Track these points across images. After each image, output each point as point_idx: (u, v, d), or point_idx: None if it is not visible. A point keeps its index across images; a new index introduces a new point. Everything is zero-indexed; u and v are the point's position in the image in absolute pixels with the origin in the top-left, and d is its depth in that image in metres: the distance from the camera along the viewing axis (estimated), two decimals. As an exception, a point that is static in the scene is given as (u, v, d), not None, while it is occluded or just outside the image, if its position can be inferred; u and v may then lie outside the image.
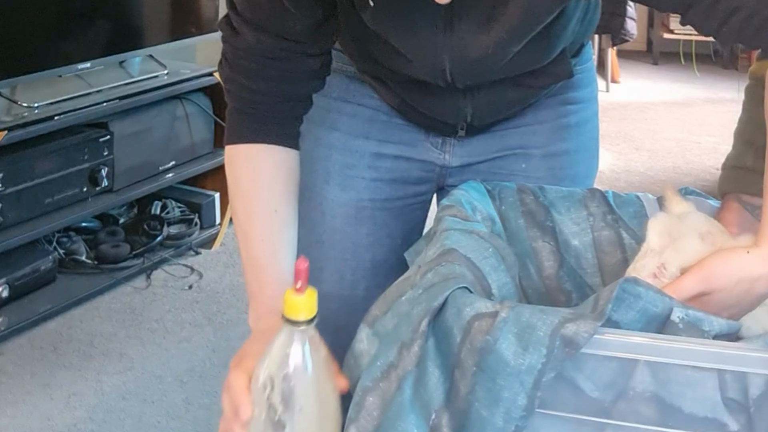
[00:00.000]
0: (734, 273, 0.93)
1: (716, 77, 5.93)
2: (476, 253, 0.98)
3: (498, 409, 0.80)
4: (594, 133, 1.36)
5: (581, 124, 1.33)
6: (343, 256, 1.33)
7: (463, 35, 1.10)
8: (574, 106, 1.32)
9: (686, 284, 0.94)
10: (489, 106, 1.24)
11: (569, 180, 1.30)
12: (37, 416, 2.37)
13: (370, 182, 1.31)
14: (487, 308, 0.82)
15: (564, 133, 1.31)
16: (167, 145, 3.14)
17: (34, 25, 2.76)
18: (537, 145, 1.30)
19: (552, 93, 1.29)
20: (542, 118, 1.30)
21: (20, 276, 2.74)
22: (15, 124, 2.61)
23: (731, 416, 0.79)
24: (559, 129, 1.31)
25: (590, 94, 1.34)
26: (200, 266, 3.22)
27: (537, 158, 1.30)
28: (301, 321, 0.84)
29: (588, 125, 1.34)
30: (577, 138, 1.32)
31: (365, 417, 0.86)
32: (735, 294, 0.93)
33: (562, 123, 1.31)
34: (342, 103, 1.31)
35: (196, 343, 2.74)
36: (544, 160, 1.30)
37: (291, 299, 0.84)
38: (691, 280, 0.94)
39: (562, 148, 1.31)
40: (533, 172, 1.29)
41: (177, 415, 2.40)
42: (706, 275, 0.94)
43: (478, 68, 1.15)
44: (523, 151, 1.30)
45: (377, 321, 0.96)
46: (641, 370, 0.80)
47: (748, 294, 0.93)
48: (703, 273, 0.94)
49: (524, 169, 1.30)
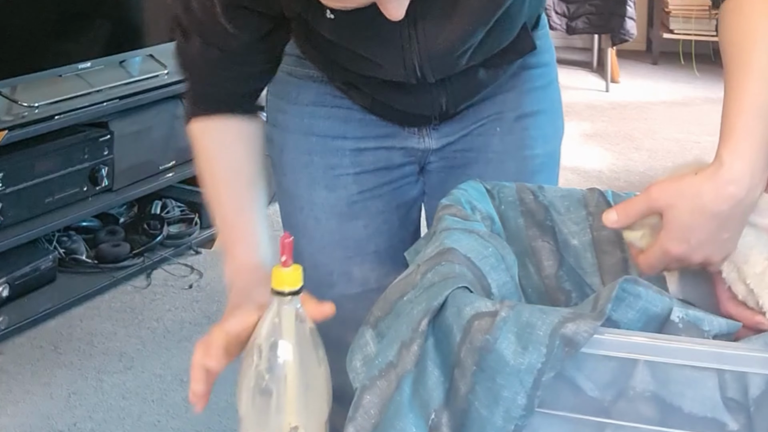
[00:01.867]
0: (677, 188, 0.92)
1: (716, 77, 5.92)
2: (476, 253, 0.98)
3: (498, 408, 0.80)
4: (557, 95, 1.42)
5: (545, 86, 1.38)
6: (347, 254, 1.34)
7: (427, 31, 1.12)
8: (537, 70, 1.36)
9: (635, 200, 0.94)
10: (461, 93, 1.28)
11: (541, 139, 1.36)
12: (37, 415, 2.37)
13: (354, 176, 1.34)
14: (487, 308, 0.83)
15: (532, 95, 1.36)
16: (167, 145, 3.15)
17: (34, 25, 2.76)
18: (509, 109, 1.34)
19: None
20: (510, 85, 1.34)
21: (20, 275, 2.74)
22: (15, 123, 2.61)
23: (731, 416, 0.79)
24: (527, 92, 1.35)
25: (550, 58, 1.40)
26: (200, 266, 3.22)
27: (510, 121, 1.34)
28: (286, 292, 0.89)
29: (551, 87, 1.40)
30: (543, 100, 1.38)
31: (363, 416, 0.87)
32: (686, 214, 0.91)
33: (529, 87, 1.36)
34: (315, 108, 1.33)
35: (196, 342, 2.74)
36: (517, 122, 1.34)
37: (277, 272, 0.89)
38: (639, 196, 0.94)
39: (532, 110, 1.36)
40: (507, 134, 1.34)
41: (177, 414, 2.40)
42: (650, 191, 0.93)
43: (447, 60, 1.17)
44: (497, 116, 1.34)
45: (380, 322, 0.96)
46: (641, 369, 0.80)
47: (702, 214, 0.91)
48: (648, 190, 0.94)
49: (499, 132, 1.34)
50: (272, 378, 0.89)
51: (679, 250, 0.93)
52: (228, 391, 2.77)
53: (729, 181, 0.91)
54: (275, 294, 0.89)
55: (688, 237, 0.93)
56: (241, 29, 1.12)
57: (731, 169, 0.91)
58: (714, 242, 0.93)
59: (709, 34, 6.11)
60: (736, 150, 0.92)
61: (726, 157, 0.92)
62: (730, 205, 0.91)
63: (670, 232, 0.93)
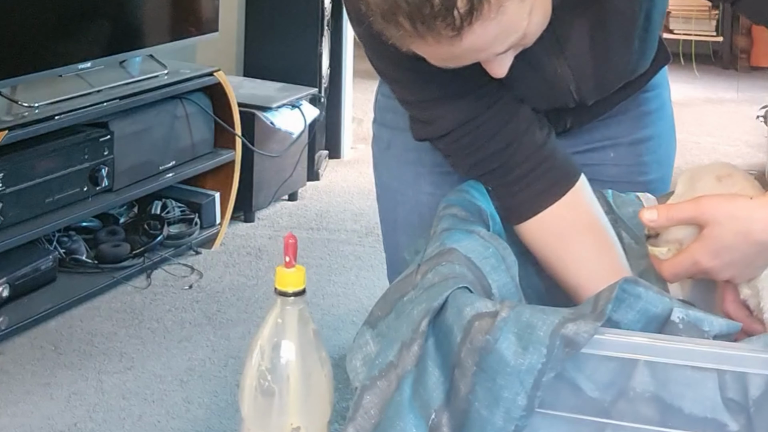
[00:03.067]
0: (729, 208, 0.92)
1: (716, 77, 5.93)
2: (476, 253, 0.98)
3: (498, 408, 0.80)
4: (671, 116, 1.39)
5: (659, 108, 1.35)
6: None
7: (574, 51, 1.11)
8: (651, 92, 1.33)
9: (682, 206, 0.94)
10: (590, 113, 1.25)
11: (655, 164, 1.33)
12: (37, 415, 2.37)
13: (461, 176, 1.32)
14: (488, 308, 0.83)
15: (645, 119, 1.33)
16: (167, 145, 3.14)
17: (34, 25, 2.76)
18: (623, 134, 1.31)
19: None
20: (623, 108, 1.30)
21: (21, 275, 2.74)
22: (15, 123, 2.61)
23: (731, 416, 0.79)
24: (641, 116, 1.33)
25: (662, 80, 1.36)
26: (200, 266, 3.22)
27: (624, 146, 1.31)
28: (290, 293, 0.89)
29: (665, 108, 1.37)
30: (658, 123, 1.35)
31: (363, 416, 0.87)
32: (731, 234, 0.91)
33: (643, 110, 1.33)
34: None
35: (196, 342, 2.74)
36: (630, 148, 1.32)
37: (281, 272, 0.89)
38: (686, 204, 0.94)
39: (645, 135, 1.33)
40: (622, 160, 1.31)
41: (177, 415, 2.40)
42: (701, 202, 0.93)
43: (604, 80, 1.15)
44: (611, 142, 1.31)
45: (380, 322, 0.96)
46: (641, 370, 0.80)
47: (746, 238, 0.91)
48: (699, 201, 0.93)
49: (613, 158, 1.31)
50: (275, 378, 0.89)
51: (710, 265, 0.93)
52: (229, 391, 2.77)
53: None
54: (278, 294, 0.90)
55: (724, 255, 0.93)
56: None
57: None
58: (746, 266, 0.93)
59: (709, 34, 6.11)
60: None
61: None
62: None
63: (707, 246, 0.93)
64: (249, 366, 0.90)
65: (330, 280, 3.16)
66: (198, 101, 3.23)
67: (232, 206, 3.43)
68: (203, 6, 3.39)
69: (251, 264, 3.26)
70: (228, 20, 3.82)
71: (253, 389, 0.90)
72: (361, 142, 4.63)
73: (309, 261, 3.27)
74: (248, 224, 3.58)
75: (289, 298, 0.89)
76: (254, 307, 2.96)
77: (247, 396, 0.90)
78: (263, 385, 0.89)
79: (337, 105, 4.23)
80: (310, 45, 3.95)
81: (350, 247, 3.44)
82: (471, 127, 1.11)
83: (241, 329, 2.82)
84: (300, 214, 3.72)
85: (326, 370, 0.91)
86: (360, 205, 3.82)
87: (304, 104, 3.71)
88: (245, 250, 3.36)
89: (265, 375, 0.89)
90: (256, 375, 0.89)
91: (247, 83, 3.77)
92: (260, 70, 3.96)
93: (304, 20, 3.96)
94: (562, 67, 1.12)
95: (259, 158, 3.50)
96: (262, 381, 0.89)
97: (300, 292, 0.90)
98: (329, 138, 4.18)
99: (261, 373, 0.89)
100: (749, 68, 6.11)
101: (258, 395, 0.89)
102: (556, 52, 1.11)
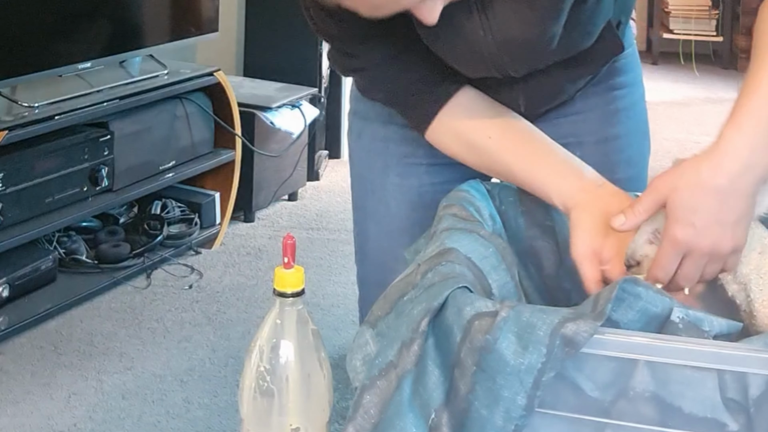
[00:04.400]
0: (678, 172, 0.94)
1: (716, 77, 5.93)
2: (476, 253, 0.99)
3: (498, 408, 0.80)
4: (643, 116, 1.38)
5: (629, 107, 1.35)
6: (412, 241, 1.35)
7: (498, 19, 1.11)
8: (621, 90, 1.33)
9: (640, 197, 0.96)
10: (541, 95, 1.26)
11: (624, 163, 1.33)
12: (37, 415, 2.37)
13: (428, 167, 1.35)
14: (488, 308, 0.83)
15: (613, 118, 1.33)
16: (167, 145, 3.15)
17: (34, 25, 2.76)
18: (588, 132, 1.32)
19: (598, 80, 1.31)
20: (591, 105, 1.32)
21: (20, 275, 2.74)
22: (15, 123, 2.61)
23: (731, 416, 0.79)
24: (608, 114, 1.33)
25: (635, 78, 1.36)
26: (200, 266, 3.22)
27: (590, 145, 1.31)
28: (289, 294, 0.89)
29: (636, 108, 1.36)
30: (626, 122, 1.34)
31: (363, 415, 0.87)
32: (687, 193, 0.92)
33: (611, 108, 1.33)
34: None
35: (196, 342, 2.74)
36: (597, 146, 1.32)
37: (279, 273, 0.90)
38: (643, 192, 0.95)
39: (613, 133, 1.33)
40: (588, 158, 1.30)
41: (177, 415, 2.40)
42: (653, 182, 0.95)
43: (526, 54, 1.16)
44: (576, 140, 1.31)
45: (380, 321, 0.96)
46: (641, 370, 0.80)
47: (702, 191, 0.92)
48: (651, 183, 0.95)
49: (579, 156, 1.31)
50: (274, 379, 0.89)
51: (685, 234, 0.93)
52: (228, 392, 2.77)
53: (726, 153, 0.92)
54: (277, 295, 0.90)
55: (692, 219, 0.93)
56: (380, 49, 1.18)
57: (730, 142, 0.92)
58: (720, 224, 0.93)
59: (709, 34, 6.11)
60: (740, 126, 0.93)
61: (727, 132, 0.93)
62: (728, 179, 0.92)
63: (674, 216, 0.93)
64: (248, 367, 0.91)
65: (330, 280, 3.16)
66: (198, 101, 3.23)
67: (232, 206, 3.43)
68: (203, 6, 3.39)
69: (251, 264, 3.26)
70: (228, 20, 3.82)
71: (253, 390, 0.90)
72: (361, 142, 4.63)
73: (309, 261, 3.27)
74: (248, 224, 3.58)
75: (287, 298, 0.90)
76: (254, 307, 2.96)
77: (246, 396, 0.90)
78: (262, 385, 0.89)
79: (337, 105, 4.23)
80: (310, 45, 3.95)
81: (350, 247, 3.42)
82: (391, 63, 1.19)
83: (241, 329, 2.82)
84: (300, 214, 3.72)
85: (325, 370, 0.91)
86: (360, 205, 3.82)
87: (304, 104, 3.71)
88: (245, 250, 3.36)
89: (264, 376, 0.89)
90: (255, 376, 0.90)
91: (247, 83, 3.77)
92: (260, 70, 3.96)
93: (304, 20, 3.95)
94: (485, 31, 1.12)
95: (259, 158, 3.50)
96: (261, 381, 0.89)
97: (299, 292, 0.90)
98: (329, 138, 4.18)
99: (260, 373, 0.89)
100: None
101: (257, 396, 0.90)
102: (480, 16, 1.12)
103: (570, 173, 1.12)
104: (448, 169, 1.33)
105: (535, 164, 1.15)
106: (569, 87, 1.28)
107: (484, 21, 1.12)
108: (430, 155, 1.33)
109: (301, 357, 0.90)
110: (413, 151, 1.34)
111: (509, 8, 1.11)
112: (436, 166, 1.34)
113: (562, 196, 1.11)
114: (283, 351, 0.89)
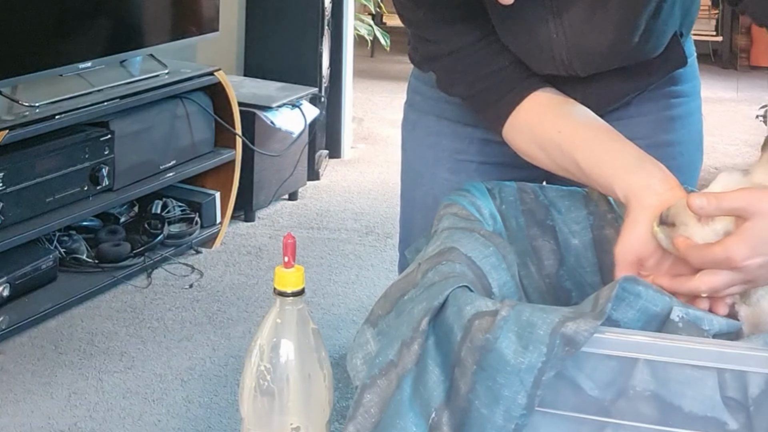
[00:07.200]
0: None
1: (716, 77, 5.93)
2: (477, 252, 0.99)
3: (498, 407, 0.81)
4: (698, 126, 1.38)
5: (684, 116, 1.34)
6: None
7: (573, 25, 1.12)
8: (678, 99, 1.33)
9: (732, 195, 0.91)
10: (599, 97, 1.25)
11: (675, 171, 1.29)
12: (37, 415, 2.38)
13: (479, 165, 1.35)
14: (488, 307, 0.83)
15: (668, 125, 1.33)
16: (168, 144, 3.15)
17: (34, 24, 2.76)
18: (642, 136, 1.28)
19: (656, 86, 1.30)
20: (646, 110, 1.31)
21: (21, 275, 2.74)
22: (16, 123, 2.61)
23: (731, 415, 0.79)
24: (663, 121, 1.32)
25: (693, 89, 1.36)
26: (201, 265, 3.22)
27: (643, 148, 1.30)
28: (289, 293, 0.90)
29: (691, 118, 1.36)
30: (680, 130, 1.34)
31: (363, 414, 0.87)
32: None
33: (666, 115, 1.32)
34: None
35: (197, 341, 2.75)
36: (649, 151, 1.30)
37: (280, 273, 0.90)
38: (737, 193, 0.91)
39: (666, 140, 1.32)
40: None
41: (177, 414, 2.40)
42: (753, 193, 0.90)
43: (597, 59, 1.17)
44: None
45: (380, 320, 0.96)
46: (641, 368, 0.80)
47: None
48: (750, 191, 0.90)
49: None
50: (274, 378, 0.89)
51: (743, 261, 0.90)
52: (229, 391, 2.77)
53: None
54: (277, 294, 0.90)
55: (761, 252, 0.90)
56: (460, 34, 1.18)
57: None
58: None
59: (709, 33, 6.11)
60: None
61: None
62: None
63: (745, 240, 0.90)
64: (248, 366, 0.91)
65: (330, 280, 3.16)
66: (198, 101, 3.23)
67: (232, 205, 3.43)
68: (204, 5, 3.39)
69: (251, 263, 3.26)
70: (228, 20, 3.82)
71: (253, 389, 0.90)
72: (361, 142, 4.63)
73: (309, 260, 3.27)
74: (248, 223, 3.58)
75: (288, 298, 0.90)
76: (254, 306, 2.97)
77: (246, 396, 0.90)
78: (263, 385, 0.89)
79: (337, 105, 4.24)
80: (310, 45, 3.96)
81: (350, 247, 3.44)
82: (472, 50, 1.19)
83: (242, 328, 2.82)
84: (300, 214, 3.73)
85: (326, 369, 0.91)
86: (360, 205, 3.83)
87: (304, 104, 3.71)
88: (245, 250, 3.37)
89: (264, 375, 0.89)
90: (256, 375, 0.90)
91: (248, 83, 3.78)
92: (260, 69, 3.96)
93: (304, 20, 3.96)
94: (558, 33, 1.13)
95: (260, 158, 3.50)
96: (261, 381, 0.89)
97: (299, 292, 0.90)
98: (329, 137, 4.19)
99: (260, 373, 0.89)
100: (749, 68, 6.12)
101: (257, 395, 0.90)
102: (555, 18, 1.13)
103: (640, 170, 1.08)
104: (498, 169, 1.34)
105: (604, 158, 1.11)
106: (628, 93, 1.27)
107: (558, 24, 1.13)
108: (481, 153, 1.35)
109: (302, 356, 0.90)
110: (465, 148, 1.35)
111: (585, 15, 1.12)
112: (487, 165, 1.35)
113: (626, 189, 1.06)
114: (283, 350, 0.89)
